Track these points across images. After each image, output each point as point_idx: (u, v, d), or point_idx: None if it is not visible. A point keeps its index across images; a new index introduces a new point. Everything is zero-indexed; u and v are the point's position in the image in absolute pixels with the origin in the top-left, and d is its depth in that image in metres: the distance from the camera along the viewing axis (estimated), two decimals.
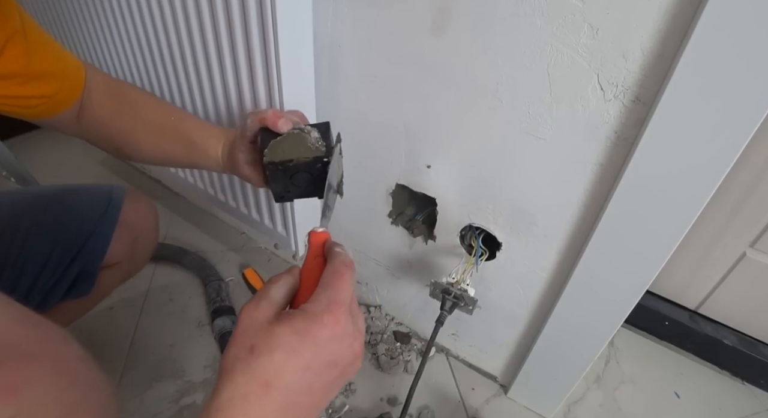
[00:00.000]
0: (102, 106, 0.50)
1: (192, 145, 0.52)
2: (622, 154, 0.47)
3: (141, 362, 0.78)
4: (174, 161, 0.55)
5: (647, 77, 0.42)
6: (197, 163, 0.54)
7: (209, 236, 1.06)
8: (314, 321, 0.27)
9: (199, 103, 0.69)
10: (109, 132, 0.52)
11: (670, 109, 0.40)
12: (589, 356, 0.62)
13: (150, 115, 0.53)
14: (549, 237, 0.57)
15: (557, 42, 0.44)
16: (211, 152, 0.52)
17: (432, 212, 0.67)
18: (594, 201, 0.51)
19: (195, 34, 0.61)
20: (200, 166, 0.54)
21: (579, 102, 0.46)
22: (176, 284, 0.93)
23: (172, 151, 0.53)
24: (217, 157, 0.52)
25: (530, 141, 0.51)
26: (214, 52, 0.61)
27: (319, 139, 0.44)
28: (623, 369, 0.85)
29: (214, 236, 1.06)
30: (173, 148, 0.53)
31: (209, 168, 0.54)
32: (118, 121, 0.52)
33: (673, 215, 0.45)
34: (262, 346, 0.26)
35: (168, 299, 0.89)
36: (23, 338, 0.25)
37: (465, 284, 0.61)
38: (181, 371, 0.76)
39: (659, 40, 0.39)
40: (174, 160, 0.54)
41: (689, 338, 0.87)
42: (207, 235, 1.06)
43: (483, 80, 0.51)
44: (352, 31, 0.58)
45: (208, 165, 0.53)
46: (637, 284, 0.52)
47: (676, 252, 0.47)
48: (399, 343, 0.84)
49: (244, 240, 1.06)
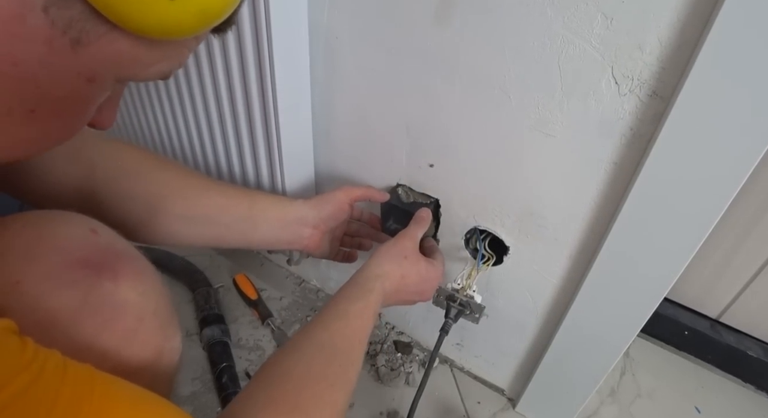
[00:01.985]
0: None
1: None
2: (638, 153, 0.46)
3: None
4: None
5: (665, 70, 0.41)
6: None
7: None
8: (436, 270, 0.57)
9: (186, 94, 0.69)
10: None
11: (689, 104, 0.40)
12: (603, 367, 0.62)
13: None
14: (559, 240, 0.57)
15: (569, 32, 0.44)
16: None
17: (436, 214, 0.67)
18: (608, 202, 0.51)
19: None
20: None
21: (592, 97, 0.46)
22: None
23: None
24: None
25: (540, 138, 0.51)
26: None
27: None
28: (639, 382, 0.84)
29: None
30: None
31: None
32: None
33: (692, 216, 0.45)
34: (410, 261, 0.54)
35: None
36: (129, 246, 0.38)
37: (471, 291, 0.61)
38: None
39: (678, 30, 0.39)
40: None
41: (711, 348, 0.87)
42: None
43: (489, 74, 0.51)
44: (350, 20, 0.58)
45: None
46: (655, 291, 0.51)
47: (696, 257, 0.47)
48: (400, 353, 0.83)
49: None
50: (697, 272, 0.84)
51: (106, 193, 0.52)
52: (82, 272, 0.33)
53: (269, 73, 0.56)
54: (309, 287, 0.97)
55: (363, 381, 0.79)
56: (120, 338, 0.34)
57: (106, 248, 0.36)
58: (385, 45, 0.57)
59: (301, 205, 0.60)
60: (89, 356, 0.29)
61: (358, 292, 0.49)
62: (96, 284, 0.33)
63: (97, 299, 0.33)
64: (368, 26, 0.57)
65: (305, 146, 0.69)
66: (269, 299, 0.93)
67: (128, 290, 0.35)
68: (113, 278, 0.34)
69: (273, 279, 0.98)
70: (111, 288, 0.34)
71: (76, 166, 0.51)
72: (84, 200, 0.51)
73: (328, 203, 0.60)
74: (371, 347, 0.84)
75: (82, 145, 0.51)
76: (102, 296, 0.33)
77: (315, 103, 0.66)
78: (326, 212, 0.61)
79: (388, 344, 0.85)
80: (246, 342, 0.84)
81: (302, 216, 0.60)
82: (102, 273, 0.34)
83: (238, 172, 0.72)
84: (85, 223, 0.37)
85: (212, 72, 0.62)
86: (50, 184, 0.50)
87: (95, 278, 0.33)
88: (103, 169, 0.52)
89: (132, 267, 0.36)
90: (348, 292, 0.49)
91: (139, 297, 0.35)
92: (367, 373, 0.80)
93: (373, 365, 0.81)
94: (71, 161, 0.50)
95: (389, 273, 0.52)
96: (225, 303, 0.90)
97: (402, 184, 0.67)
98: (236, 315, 0.89)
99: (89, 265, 0.34)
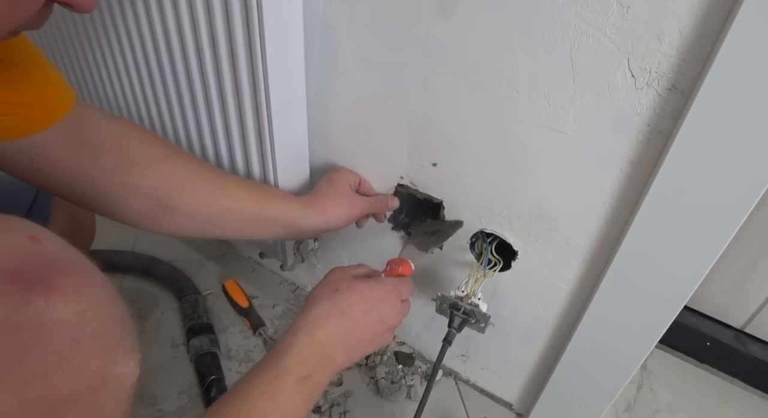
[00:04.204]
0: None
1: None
2: (656, 150, 0.46)
3: None
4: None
5: (685, 62, 0.41)
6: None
7: (184, 243, 1.06)
8: (383, 287, 0.52)
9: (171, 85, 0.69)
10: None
11: (711, 99, 0.40)
12: (618, 381, 0.62)
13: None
14: (571, 245, 0.57)
15: (582, 22, 0.44)
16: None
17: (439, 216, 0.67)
18: (623, 204, 0.51)
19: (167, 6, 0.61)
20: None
21: (606, 91, 0.46)
22: (147, 298, 0.93)
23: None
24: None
25: (550, 135, 0.51)
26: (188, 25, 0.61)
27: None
28: (658, 396, 0.84)
29: (190, 243, 1.06)
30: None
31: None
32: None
33: (715, 219, 0.45)
34: (344, 288, 0.50)
35: (137, 315, 0.89)
36: (78, 255, 0.36)
37: (476, 298, 0.61)
38: (153, 399, 0.76)
39: (700, 19, 0.39)
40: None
41: (735, 360, 0.87)
42: (182, 242, 1.06)
43: (497, 67, 0.51)
44: (348, 10, 0.58)
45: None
46: (674, 299, 0.51)
47: (718, 262, 0.46)
48: (401, 365, 0.83)
49: (224, 248, 1.06)
50: (720, 279, 0.84)
51: (108, 184, 0.52)
52: (9, 285, 0.31)
53: (261, 66, 0.56)
54: (304, 295, 0.97)
55: (362, 395, 0.79)
56: (48, 362, 0.31)
57: (45, 258, 0.33)
58: (385, 35, 0.56)
59: (311, 216, 0.63)
60: (10, 383, 0.28)
61: (272, 356, 0.46)
62: (24, 299, 0.31)
63: (23, 316, 0.30)
64: (367, 15, 0.56)
65: (300, 143, 0.69)
66: (261, 306, 0.93)
67: (63, 307, 0.32)
68: (46, 294, 0.32)
69: (265, 286, 0.98)
70: (41, 305, 0.31)
71: (80, 151, 0.50)
72: (84, 190, 0.51)
73: (340, 218, 0.64)
74: (370, 358, 0.84)
75: (86, 127, 0.50)
76: (29, 313, 0.31)
77: (310, 97, 0.66)
78: (334, 223, 0.64)
79: (388, 355, 0.85)
80: (236, 353, 0.84)
81: (311, 228, 0.64)
82: (33, 287, 0.31)
83: (227, 170, 0.71)
84: (25, 229, 0.34)
85: (200, 65, 0.62)
86: (48, 171, 0.49)
87: (24, 292, 0.31)
88: (108, 157, 0.51)
89: (74, 281, 0.34)
90: (265, 357, 0.47)
91: (75, 316, 0.33)
92: (366, 386, 0.80)
93: (373, 377, 0.81)
94: (73, 145, 0.49)
95: (320, 317, 0.48)
96: (214, 311, 0.90)
97: (403, 184, 0.67)
98: (226, 324, 0.89)
99: (19, 277, 0.31)
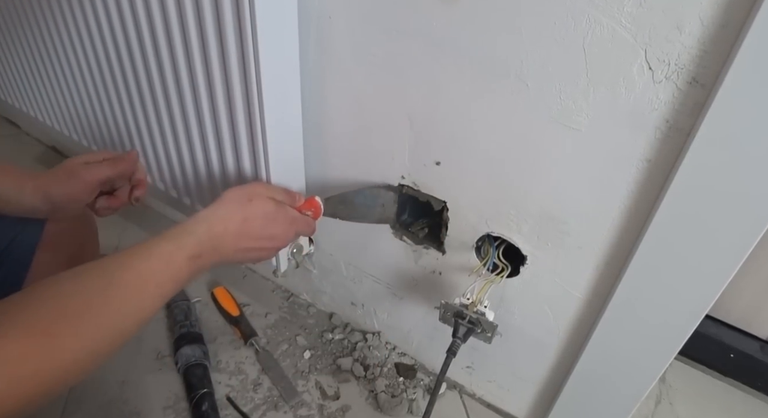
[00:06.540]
0: None
1: None
2: (675, 148, 0.46)
3: (85, 404, 0.77)
4: None
5: (707, 53, 0.41)
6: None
7: None
8: (286, 215, 0.58)
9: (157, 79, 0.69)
10: None
11: (734, 93, 0.40)
12: (635, 395, 0.62)
13: None
14: (584, 249, 0.57)
15: (596, 11, 0.44)
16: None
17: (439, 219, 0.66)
18: (640, 205, 0.51)
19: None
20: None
21: (622, 84, 0.46)
22: None
23: None
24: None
25: (562, 132, 0.51)
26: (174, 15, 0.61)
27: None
28: (678, 412, 0.84)
29: None
30: None
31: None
32: None
33: (738, 221, 0.45)
34: (257, 203, 0.55)
35: None
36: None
37: (482, 306, 0.61)
38: (136, 415, 0.76)
39: (722, 7, 0.39)
40: None
41: (760, 373, 0.86)
42: None
43: (504, 59, 0.51)
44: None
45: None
46: (695, 308, 0.51)
47: (742, 268, 0.46)
48: (402, 377, 0.83)
49: None
50: (743, 286, 0.84)
51: None
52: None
53: (252, 60, 0.56)
54: (299, 302, 0.97)
55: (360, 410, 0.79)
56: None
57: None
58: (385, 26, 0.56)
59: (28, 193, 0.58)
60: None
61: (175, 232, 0.49)
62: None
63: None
64: (366, 5, 0.56)
65: (294, 142, 0.69)
66: (253, 315, 0.93)
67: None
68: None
69: (257, 293, 0.98)
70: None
71: None
72: None
73: (64, 194, 0.59)
74: (369, 370, 0.83)
75: None
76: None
77: (305, 93, 0.66)
78: (57, 200, 0.59)
79: (388, 366, 0.85)
80: (226, 365, 0.84)
81: (29, 205, 0.59)
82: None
83: (217, 171, 0.72)
84: None
85: (188, 60, 0.62)
86: None
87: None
88: None
89: None
90: (167, 232, 0.49)
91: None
92: (365, 400, 0.80)
93: (372, 390, 0.81)
94: None
95: (225, 217, 0.53)
96: (202, 320, 0.90)
97: (404, 184, 0.67)
98: (215, 334, 0.89)
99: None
